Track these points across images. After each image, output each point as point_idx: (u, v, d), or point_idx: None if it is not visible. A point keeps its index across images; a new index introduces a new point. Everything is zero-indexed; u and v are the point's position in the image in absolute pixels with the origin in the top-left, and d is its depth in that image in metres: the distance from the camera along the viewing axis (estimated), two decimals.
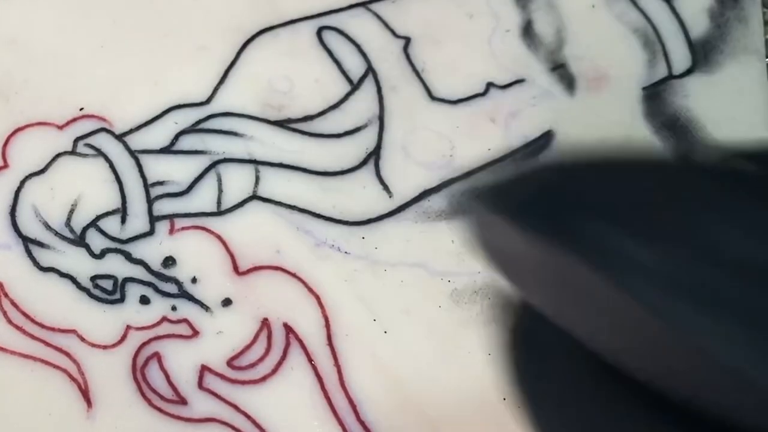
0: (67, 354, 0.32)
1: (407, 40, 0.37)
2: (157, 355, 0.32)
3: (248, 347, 0.32)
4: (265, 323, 0.33)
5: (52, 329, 0.32)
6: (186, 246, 0.34)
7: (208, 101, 0.36)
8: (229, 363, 0.32)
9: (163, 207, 0.34)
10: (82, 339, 0.32)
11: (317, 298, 0.33)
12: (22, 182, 0.34)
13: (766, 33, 0.37)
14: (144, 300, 0.33)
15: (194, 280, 0.33)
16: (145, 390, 0.32)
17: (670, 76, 0.37)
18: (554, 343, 0.18)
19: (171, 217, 0.34)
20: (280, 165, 0.35)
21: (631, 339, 0.16)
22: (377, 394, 0.32)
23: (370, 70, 0.37)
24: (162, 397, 0.32)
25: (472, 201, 0.17)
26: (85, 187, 0.34)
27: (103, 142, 0.35)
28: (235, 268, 0.33)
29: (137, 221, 0.34)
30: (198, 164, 0.35)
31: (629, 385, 0.16)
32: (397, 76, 0.37)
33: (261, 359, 0.32)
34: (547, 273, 0.16)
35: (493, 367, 0.32)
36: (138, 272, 0.33)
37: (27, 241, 0.33)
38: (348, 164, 0.35)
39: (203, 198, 0.34)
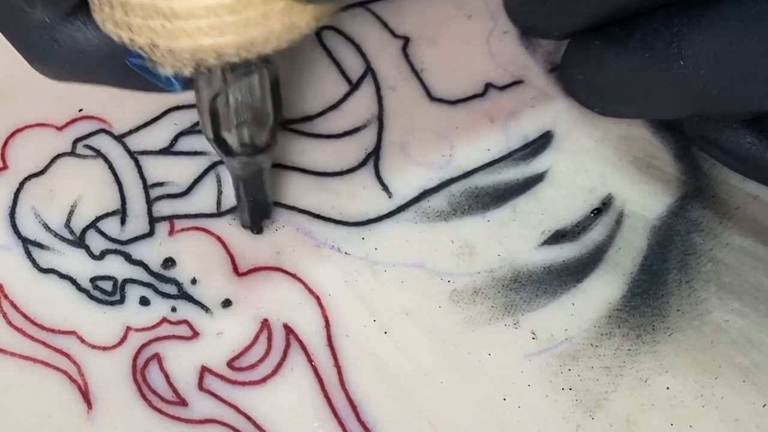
0: (67, 355, 0.32)
1: (406, 40, 0.37)
2: (157, 357, 0.32)
3: (248, 348, 0.32)
4: (265, 324, 0.33)
5: (52, 331, 0.32)
6: (186, 247, 0.34)
7: None
8: (230, 364, 0.32)
9: (162, 208, 0.34)
10: (82, 340, 0.32)
11: (317, 298, 0.33)
12: (22, 183, 0.34)
13: None
14: (144, 301, 0.33)
15: (194, 281, 0.33)
16: (146, 391, 0.32)
17: None
18: None
19: (171, 218, 0.34)
20: (280, 166, 0.35)
21: None
22: (377, 395, 0.32)
23: (369, 70, 0.37)
24: (162, 399, 0.32)
25: None
26: (84, 189, 0.34)
27: (103, 143, 0.35)
28: (235, 269, 0.33)
29: (137, 222, 0.34)
30: (198, 165, 0.35)
31: None
32: (396, 76, 0.37)
33: (261, 360, 0.32)
34: None
35: (492, 367, 0.32)
36: (138, 273, 0.33)
37: (27, 243, 0.33)
38: (347, 165, 0.35)
39: (203, 199, 0.34)
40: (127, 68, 0.28)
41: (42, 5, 0.27)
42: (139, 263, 0.33)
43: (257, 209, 0.33)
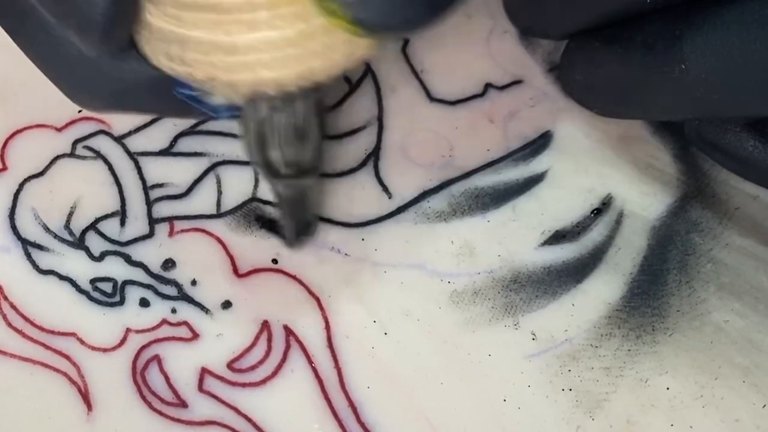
0: (67, 357, 0.32)
1: (406, 41, 0.37)
2: (157, 358, 0.32)
3: (248, 349, 0.32)
4: (265, 325, 0.33)
5: (52, 332, 0.32)
6: (186, 248, 0.34)
7: None
8: (230, 365, 0.32)
9: (162, 209, 0.34)
10: (82, 342, 0.32)
11: (317, 300, 0.33)
12: (21, 185, 0.34)
13: None
14: (144, 302, 0.33)
15: (194, 283, 0.33)
16: (145, 393, 0.32)
17: None
18: None
19: (170, 219, 0.34)
20: None
21: None
22: (377, 396, 0.32)
23: (369, 71, 0.37)
24: (162, 400, 0.32)
25: None
26: (84, 190, 0.34)
27: (102, 144, 0.35)
28: (235, 270, 0.33)
29: (137, 223, 0.34)
30: (197, 166, 0.35)
31: None
32: (396, 77, 0.37)
33: (261, 361, 0.32)
34: None
35: (492, 367, 0.32)
36: (138, 275, 0.33)
37: (26, 244, 0.33)
38: (347, 165, 0.35)
39: (203, 200, 0.34)
40: (173, 97, 0.27)
41: (100, 45, 0.25)
42: (139, 264, 0.33)
43: (301, 227, 0.33)
